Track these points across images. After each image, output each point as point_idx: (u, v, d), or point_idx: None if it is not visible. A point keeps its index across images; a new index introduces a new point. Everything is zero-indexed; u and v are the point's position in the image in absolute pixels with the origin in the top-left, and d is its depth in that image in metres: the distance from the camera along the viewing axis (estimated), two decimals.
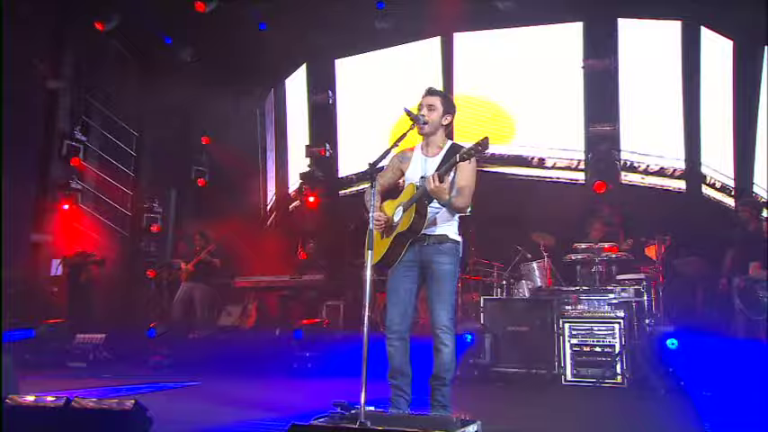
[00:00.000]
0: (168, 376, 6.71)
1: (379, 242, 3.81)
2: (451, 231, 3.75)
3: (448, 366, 3.63)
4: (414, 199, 3.59)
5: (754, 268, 6.10)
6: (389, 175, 4.00)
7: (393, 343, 3.71)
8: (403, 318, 3.72)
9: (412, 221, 3.54)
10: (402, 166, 3.92)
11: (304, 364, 7.06)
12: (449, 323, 3.62)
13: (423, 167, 3.76)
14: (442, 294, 3.64)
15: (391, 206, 3.84)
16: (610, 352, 6.07)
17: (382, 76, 10.00)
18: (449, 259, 3.68)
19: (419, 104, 3.83)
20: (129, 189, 11.15)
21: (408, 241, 3.65)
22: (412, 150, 3.93)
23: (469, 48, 9.42)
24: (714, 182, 8.74)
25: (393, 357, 3.71)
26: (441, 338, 3.61)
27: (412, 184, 3.72)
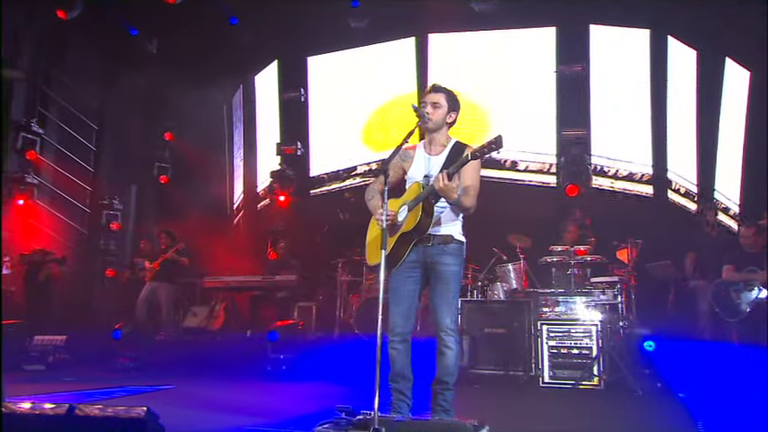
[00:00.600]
0: (136, 379, 6.46)
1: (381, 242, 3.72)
2: (456, 231, 3.68)
3: (451, 370, 3.57)
4: (420, 198, 3.51)
5: (727, 271, 6.27)
6: (391, 174, 3.88)
7: (395, 346, 3.62)
8: (406, 320, 3.63)
9: (419, 221, 3.47)
10: (404, 164, 3.82)
11: (278, 366, 6.91)
12: (453, 326, 3.56)
13: (426, 166, 3.68)
14: (447, 296, 3.58)
15: (394, 205, 3.75)
16: (587, 354, 6.15)
17: (355, 75, 9.92)
18: (454, 260, 3.62)
19: (422, 101, 3.75)
20: (88, 185, 10.74)
21: (413, 241, 3.57)
22: (414, 149, 3.84)
23: (444, 49, 9.43)
24: (679, 187, 8.99)
25: (395, 360, 3.62)
26: (444, 341, 3.55)
27: (417, 183, 3.63)
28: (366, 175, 9.66)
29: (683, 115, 9.04)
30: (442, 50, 9.44)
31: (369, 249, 3.82)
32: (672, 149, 8.89)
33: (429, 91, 3.76)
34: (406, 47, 9.53)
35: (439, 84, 3.78)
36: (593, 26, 8.87)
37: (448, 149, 3.70)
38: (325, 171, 10.06)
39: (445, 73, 9.34)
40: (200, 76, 10.40)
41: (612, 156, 8.83)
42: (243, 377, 6.64)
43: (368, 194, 3.87)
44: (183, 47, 10.23)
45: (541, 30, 9.04)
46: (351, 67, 9.98)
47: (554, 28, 9.00)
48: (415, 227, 3.49)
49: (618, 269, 7.11)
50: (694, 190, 9.08)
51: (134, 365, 7.42)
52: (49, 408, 2.43)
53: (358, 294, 8.16)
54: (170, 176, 11.47)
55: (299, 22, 9.51)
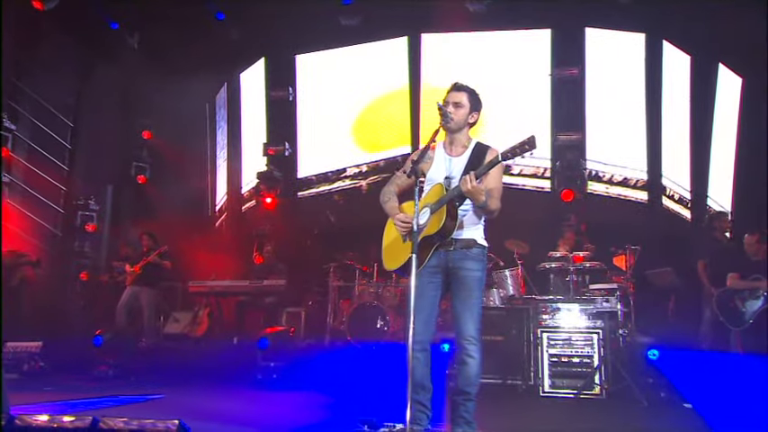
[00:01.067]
0: (119, 388, 6.22)
1: (400, 246, 3.63)
2: (479, 235, 3.61)
3: (474, 380, 3.48)
4: (444, 200, 3.42)
5: (731, 279, 6.28)
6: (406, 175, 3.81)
7: (415, 354, 3.49)
8: (426, 327, 3.52)
9: (443, 224, 3.37)
10: (422, 165, 3.73)
11: (269, 375, 6.73)
12: (476, 334, 3.48)
13: (447, 167, 3.60)
14: (470, 303, 3.49)
15: (412, 207, 3.65)
16: (588, 363, 6.10)
17: (346, 74, 9.81)
18: (477, 265, 3.54)
19: (444, 100, 3.66)
20: (63, 184, 10.42)
21: (435, 245, 3.48)
22: (433, 149, 3.75)
23: (437, 49, 9.37)
24: (673, 194, 9.06)
25: (414, 370, 3.49)
26: (467, 350, 3.46)
27: (439, 185, 3.54)
28: (356, 178, 9.56)
29: (678, 121, 9.12)
30: (435, 50, 9.38)
31: (386, 254, 3.73)
32: (666, 155, 8.96)
33: (450, 89, 3.67)
34: (399, 46, 9.44)
35: (461, 82, 3.69)
36: (589, 29, 8.89)
37: (470, 150, 3.62)
38: (313, 173, 9.93)
39: (438, 73, 9.29)
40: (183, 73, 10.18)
41: (607, 161, 8.86)
42: (233, 386, 6.45)
43: (383, 196, 3.78)
44: (166, 42, 10.03)
45: (536, 32, 9.03)
46: (341, 67, 9.87)
47: (549, 30, 8.99)
48: (439, 230, 3.40)
49: (616, 276, 7.12)
50: (688, 197, 9.16)
51: (115, 373, 7.16)
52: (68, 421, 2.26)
53: (348, 300, 8.05)
54: (148, 176, 11.19)
55: (287, 18, 9.37)
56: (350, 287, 7.94)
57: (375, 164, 9.51)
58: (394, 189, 3.80)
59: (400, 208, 3.71)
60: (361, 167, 9.58)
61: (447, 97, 3.65)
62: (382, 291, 7.72)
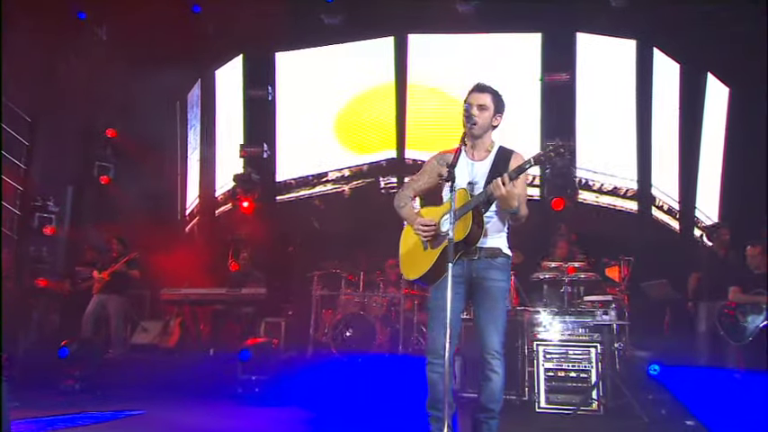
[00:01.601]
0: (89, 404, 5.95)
1: (420, 253, 3.53)
2: (503, 244, 3.53)
3: (498, 396, 3.39)
4: (470, 206, 3.34)
5: (734, 293, 6.33)
6: (426, 180, 3.73)
7: (437, 369, 3.42)
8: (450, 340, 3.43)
9: (469, 231, 3.29)
10: (441, 170, 3.63)
11: (251, 388, 6.56)
12: (500, 348, 3.40)
13: (470, 172, 3.53)
14: (495, 315, 3.41)
15: (433, 213, 3.56)
16: (585, 378, 6.08)
17: (328, 74, 9.67)
18: (502, 275, 3.47)
19: (466, 101, 3.58)
20: (19, 184, 10.02)
21: (459, 254, 3.39)
22: (453, 153, 3.66)
23: (425, 50, 9.30)
24: (662, 204, 9.16)
25: (435, 385, 3.42)
26: (491, 365, 3.37)
27: (464, 190, 3.44)
28: (338, 182, 9.43)
29: (667, 130, 9.24)
30: (422, 52, 9.31)
31: (405, 262, 3.65)
32: (656, 165, 9.06)
33: (473, 90, 3.60)
34: (384, 47, 9.35)
35: (484, 83, 3.61)
36: (580, 34, 8.94)
37: (493, 154, 3.56)
38: (292, 176, 9.75)
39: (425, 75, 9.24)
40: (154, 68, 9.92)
41: (597, 169, 8.91)
42: (213, 400, 6.26)
43: (399, 201, 3.69)
44: (137, 34, 9.73)
45: (527, 35, 9.06)
46: (323, 66, 9.73)
47: (540, 34, 9.02)
48: (465, 238, 3.31)
49: (609, 287, 7.13)
50: (677, 207, 9.28)
51: (81, 387, 6.87)
52: None
53: (331, 310, 7.90)
54: (112, 177, 10.82)
55: (267, 15, 9.20)
56: (334, 297, 7.80)
57: (358, 168, 9.39)
58: (410, 194, 3.72)
59: (419, 213, 3.61)
60: (343, 171, 9.44)
61: (469, 99, 3.58)
62: (368, 301, 7.60)
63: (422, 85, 9.27)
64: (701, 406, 5.48)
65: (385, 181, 9.27)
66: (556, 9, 8.74)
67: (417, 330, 7.45)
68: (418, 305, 7.54)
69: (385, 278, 7.78)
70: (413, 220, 3.58)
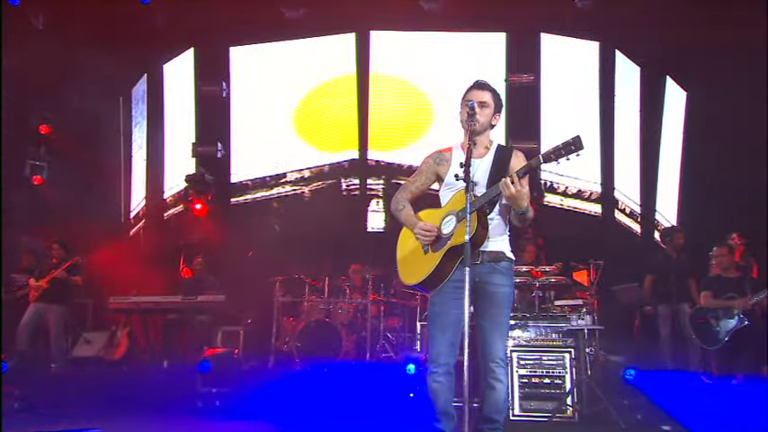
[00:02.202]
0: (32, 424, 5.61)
1: (421, 258, 3.45)
2: (507, 247, 3.49)
3: (502, 406, 3.37)
4: (474, 207, 3.27)
5: (705, 297, 6.51)
6: (423, 181, 3.67)
7: (438, 378, 3.36)
8: (451, 348, 3.39)
9: (474, 233, 3.21)
10: (438, 168, 3.60)
11: (211, 401, 6.33)
12: (504, 356, 3.38)
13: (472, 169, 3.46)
14: (499, 321, 3.37)
15: (432, 216, 3.49)
16: (560, 384, 6.11)
17: (286, 69, 9.48)
18: (506, 280, 3.42)
19: (465, 99, 3.53)
20: None
21: (460, 258, 3.31)
22: (450, 151, 3.62)
23: (388, 48, 9.23)
24: (625, 207, 9.37)
25: (438, 395, 3.36)
26: (495, 373, 3.33)
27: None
28: (298, 184, 9.24)
29: (629, 133, 9.46)
30: (385, 49, 9.23)
31: (404, 267, 3.57)
32: (618, 168, 9.26)
33: (473, 88, 3.57)
34: (345, 43, 9.23)
35: (483, 80, 3.58)
36: (544, 35, 9.06)
37: (492, 153, 3.52)
38: (249, 177, 9.50)
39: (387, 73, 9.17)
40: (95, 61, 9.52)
41: (562, 172, 9.03)
42: (171, 416, 5.96)
43: (397, 204, 3.62)
44: (77, 24, 9.32)
45: (492, 35, 9.11)
46: (281, 62, 9.53)
47: (504, 34, 9.09)
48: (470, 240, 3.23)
49: (579, 291, 7.22)
50: (638, 210, 9.51)
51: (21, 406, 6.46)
52: None
53: (293, 317, 7.74)
54: (45, 177, 10.31)
55: (222, 6, 8.95)
56: (297, 303, 7.64)
57: (319, 169, 9.23)
58: (407, 196, 3.65)
59: (417, 216, 3.54)
60: (303, 173, 9.26)
61: (469, 96, 3.53)
62: (334, 307, 7.47)
63: (385, 76, 9.18)
64: (677, 410, 5.59)
65: (347, 182, 9.15)
66: (520, 9, 8.83)
67: (384, 337, 7.38)
68: (385, 311, 7.47)
69: (351, 283, 7.67)
70: (412, 224, 3.51)
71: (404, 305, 7.71)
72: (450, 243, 3.33)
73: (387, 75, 9.22)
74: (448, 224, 3.39)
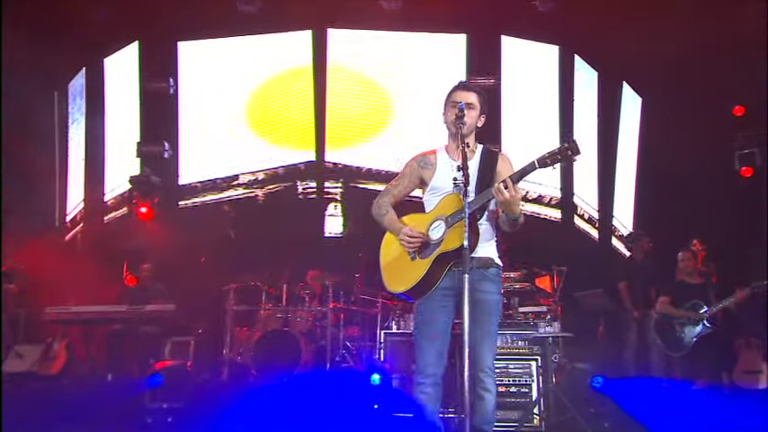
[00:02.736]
0: None
1: (407, 264, 3.43)
2: (495, 253, 3.53)
3: (491, 417, 3.39)
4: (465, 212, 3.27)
5: (662, 303, 6.70)
6: (406, 184, 3.66)
7: (425, 389, 3.35)
8: (439, 358, 3.40)
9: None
10: (423, 172, 3.60)
11: (162, 418, 6.14)
12: (493, 365, 3.39)
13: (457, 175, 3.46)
14: (488, 330, 3.38)
15: (418, 221, 3.47)
16: (527, 392, 6.17)
17: (239, 65, 9.29)
18: (495, 287, 3.46)
19: (451, 100, 3.55)
20: None
21: (450, 264, 3.32)
22: (434, 154, 3.62)
23: (346, 47, 9.17)
24: (583, 212, 9.59)
25: (426, 408, 3.33)
26: (484, 383, 3.34)
27: (455, 195, 3.38)
28: (251, 186, 9.06)
29: (587, 137, 9.69)
30: (343, 48, 9.16)
31: (389, 274, 3.54)
32: (577, 173, 9.47)
33: (459, 89, 3.56)
34: (302, 40, 9.13)
35: (467, 81, 3.61)
36: (505, 37, 9.18)
37: (478, 156, 3.55)
38: (198, 179, 9.26)
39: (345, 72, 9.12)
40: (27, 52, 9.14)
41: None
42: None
43: (380, 209, 3.59)
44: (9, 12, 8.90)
45: (453, 36, 9.17)
46: (233, 58, 9.33)
47: (464, 35, 9.17)
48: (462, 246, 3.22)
49: (542, 298, 7.33)
50: (596, 216, 9.75)
51: None
52: None
53: (247, 327, 7.59)
54: None
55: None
56: (252, 312, 7.49)
57: (273, 171, 9.07)
58: (389, 200, 3.64)
59: (401, 221, 3.52)
60: (257, 174, 9.08)
61: (455, 97, 3.55)
62: (292, 316, 7.36)
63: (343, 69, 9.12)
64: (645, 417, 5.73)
65: (303, 185, 9.03)
66: (481, 10, 8.93)
67: (344, 347, 7.32)
68: (344, 319, 7.42)
69: (310, 291, 7.57)
70: (398, 230, 3.49)
71: (364, 313, 7.67)
72: (440, 249, 3.33)
73: (344, 68, 9.14)
74: (436, 230, 3.39)
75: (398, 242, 3.49)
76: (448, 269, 3.36)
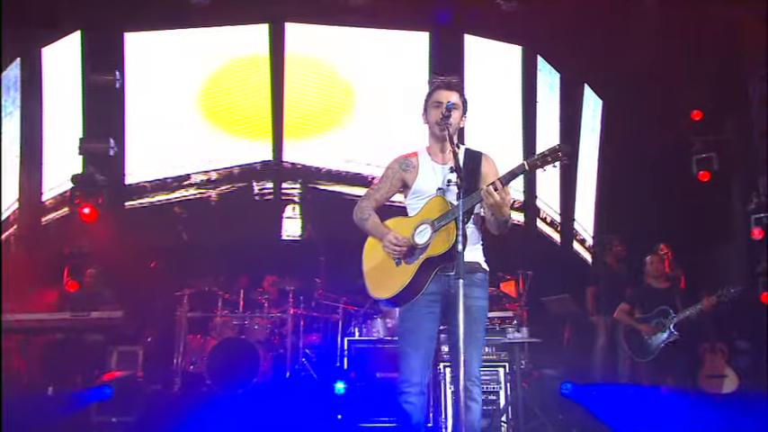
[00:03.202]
0: None
1: (392, 270, 3.41)
2: (482, 258, 3.54)
3: (477, 427, 3.38)
4: (451, 215, 3.28)
5: (619, 311, 6.84)
6: (388, 187, 3.64)
7: (410, 399, 3.32)
8: (424, 366, 3.38)
9: (454, 244, 3.19)
10: (405, 175, 3.59)
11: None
12: (479, 374, 3.38)
13: (439, 178, 3.48)
14: (476, 337, 3.38)
15: (401, 225, 3.45)
16: (494, 400, 6.22)
17: (191, 58, 9.07)
18: (483, 293, 3.47)
19: (433, 100, 3.55)
20: None
21: (436, 269, 3.32)
22: (415, 157, 3.60)
23: (305, 39, 9.07)
24: (546, 216, 9.73)
25: (410, 418, 3.29)
26: (471, 392, 3.31)
27: (440, 198, 3.40)
28: (203, 186, 8.85)
29: (550, 139, 9.83)
30: (301, 43, 9.06)
31: (373, 280, 3.51)
32: (540, 175, 9.57)
33: (441, 88, 3.55)
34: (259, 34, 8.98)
35: (450, 79, 3.60)
36: (468, 36, 9.24)
37: (461, 157, 3.53)
38: (146, 178, 8.99)
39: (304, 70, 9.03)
40: None
41: None
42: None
43: (362, 213, 3.57)
44: None
45: (416, 34, 9.19)
46: (185, 51, 9.09)
47: (427, 33, 9.20)
48: (449, 250, 3.25)
49: (508, 303, 7.40)
50: (558, 219, 9.91)
51: None
52: None
53: (200, 334, 7.44)
54: None
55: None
56: (207, 319, 7.33)
57: (227, 171, 8.89)
58: (372, 204, 3.62)
59: (384, 225, 3.49)
60: (209, 174, 8.88)
61: (437, 97, 3.55)
62: (249, 323, 7.23)
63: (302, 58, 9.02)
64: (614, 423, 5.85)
65: (259, 186, 8.87)
66: (444, 9, 8.98)
67: (303, 355, 7.24)
68: (304, 326, 7.34)
69: (268, 297, 7.46)
70: (382, 234, 3.47)
71: (326, 319, 7.60)
72: (427, 254, 3.34)
73: (304, 59, 9.02)
74: (422, 234, 3.39)
75: (381, 247, 3.47)
76: (434, 274, 3.35)
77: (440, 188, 3.47)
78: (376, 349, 6.61)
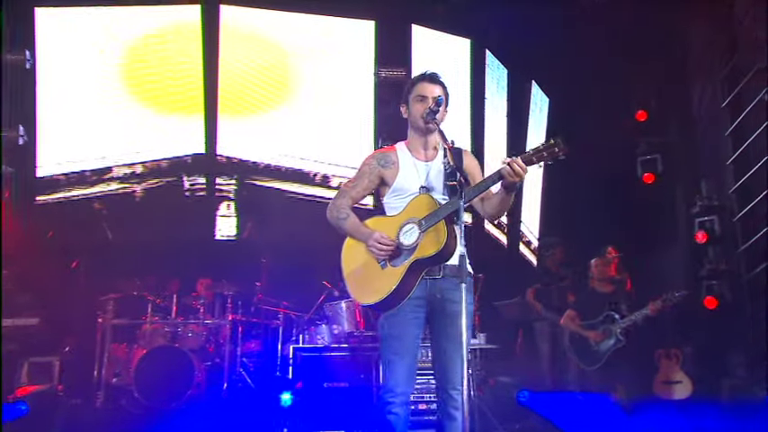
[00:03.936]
0: None
1: (377, 273, 3.37)
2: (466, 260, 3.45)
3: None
4: (441, 214, 3.32)
5: (566, 318, 6.98)
6: (365, 184, 3.60)
7: (394, 409, 3.29)
8: (409, 375, 3.36)
9: (445, 244, 3.25)
10: (384, 171, 3.55)
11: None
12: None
13: (421, 175, 3.50)
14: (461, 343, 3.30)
15: (383, 224, 3.38)
16: None
17: (111, 41, 8.67)
18: (470, 297, 3.45)
19: (417, 94, 3.60)
20: None
21: (423, 271, 3.31)
22: (394, 152, 3.56)
23: (240, 26, 8.84)
24: None
25: (395, 429, 3.23)
26: (455, 401, 3.33)
27: (427, 196, 3.40)
28: (127, 180, 8.46)
29: (499, 137, 9.98)
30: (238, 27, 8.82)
31: (355, 284, 3.47)
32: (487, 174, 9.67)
33: (424, 80, 3.57)
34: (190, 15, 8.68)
35: (434, 72, 3.65)
36: (416, 27, 9.25)
37: (442, 153, 3.56)
38: (61, 171, 8.51)
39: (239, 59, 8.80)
40: None
41: None
42: None
43: (339, 213, 3.51)
44: None
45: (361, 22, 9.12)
46: (104, 31, 8.66)
47: (373, 22, 9.14)
48: (440, 252, 3.23)
49: None
50: (504, 221, 10.04)
51: None
52: None
53: (125, 343, 7.14)
54: None
55: None
56: (135, 326, 7.04)
57: (155, 164, 8.53)
58: (348, 203, 3.57)
59: (365, 225, 3.42)
60: (134, 167, 8.49)
61: (421, 90, 3.53)
62: (183, 330, 6.99)
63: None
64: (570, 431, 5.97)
65: (190, 181, 8.57)
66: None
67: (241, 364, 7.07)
68: (242, 333, 7.17)
69: (204, 302, 7.23)
70: (364, 235, 3.42)
71: (266, 326, 7.44)
72: (415, 255, 3.31)
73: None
74: (408, 234, 3.34)
75: (363, 248, 3.41)
76: (422, 277, 3.37)
77: (423, 186, 3.48)
78: (323, 357, 6.49)
